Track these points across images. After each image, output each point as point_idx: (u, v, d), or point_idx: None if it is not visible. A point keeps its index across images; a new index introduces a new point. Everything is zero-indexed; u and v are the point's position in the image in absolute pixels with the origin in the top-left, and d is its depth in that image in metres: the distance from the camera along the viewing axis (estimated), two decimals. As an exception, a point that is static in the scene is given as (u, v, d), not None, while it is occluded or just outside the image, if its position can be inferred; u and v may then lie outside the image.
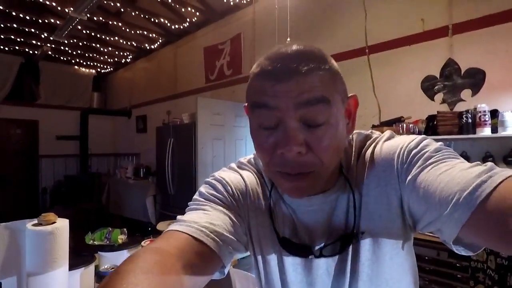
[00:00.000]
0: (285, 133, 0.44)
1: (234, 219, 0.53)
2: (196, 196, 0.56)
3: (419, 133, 2.29)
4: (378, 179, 0.50)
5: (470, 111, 2.07)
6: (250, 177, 0.59)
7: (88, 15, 3.87)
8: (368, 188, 0.51)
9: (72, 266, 0.88)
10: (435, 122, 2.22)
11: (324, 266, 0.53)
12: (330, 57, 0.48)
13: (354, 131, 0.57)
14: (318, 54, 0.45)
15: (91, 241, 1.18)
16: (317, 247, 0.53)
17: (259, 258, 0.58)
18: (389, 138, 0.54)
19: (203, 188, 0.57)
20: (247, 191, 0.57)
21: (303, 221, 0.55)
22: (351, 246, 0.52)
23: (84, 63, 6.43)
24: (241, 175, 0.59)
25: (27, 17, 4.27)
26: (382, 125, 2.57)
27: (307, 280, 0.54)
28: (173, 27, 4.55)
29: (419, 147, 0.47)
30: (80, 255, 1.01)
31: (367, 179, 0.52)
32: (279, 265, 0.56)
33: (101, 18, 4.38)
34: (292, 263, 0.55)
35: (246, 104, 0.51)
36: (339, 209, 0.53)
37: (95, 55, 5.88)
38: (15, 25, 4.46)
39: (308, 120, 0.44)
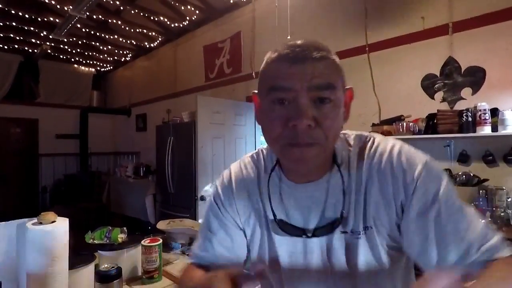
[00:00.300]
0: (297, 108, 0.50)
1: (232, 229, 0.66)
2: (202, 222, 0.72)
3: (419, 131, 2.29)
4: (386, 186, 0.55)
5: (470, 110, 2.07)
6: (238, 174, 0.68)
7: (88, 13, 3.85)
8: (370, 188, 0.57)
9: (72, 265, 0.88)
10: (435, 121, 2.22)
11: (318, 252, 0.59)
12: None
13: (354, 133, 0.64)
14: (327, 47, 0.54)
15: (91, 240, 1.17)
16: (310, 229, 0.59)
17: (253, 244, 0.66)
18: (400, 150, 0.57)
19: (205, 213, 0.71)
20: (233, 192, 0.67)
21: (298, 206, 0.60)
22: (350, 238, 0.57)
23: (84, 61, 6.41)
24: (230, 177, 0.69)
25: (26, 16, 4.25)
26: (382, 124, 2.56)
27: (303, 263, 0.60)
28: (172, 25, 4.53)
29: (433, 179, 0.53)
30: (80, 254, 1.01)
31: (373, 181, 0.57)
32: (273, 248, 0.63)
33: (100, 17, 4.36)
34: (286, 248, 0.61)
35: (257, 91, 0.58)
36: (332, 197, 0.58)
37: (94, 53, 5.86)
38: (14, 24, 4.44)
39: (317, 100, 0.51)
